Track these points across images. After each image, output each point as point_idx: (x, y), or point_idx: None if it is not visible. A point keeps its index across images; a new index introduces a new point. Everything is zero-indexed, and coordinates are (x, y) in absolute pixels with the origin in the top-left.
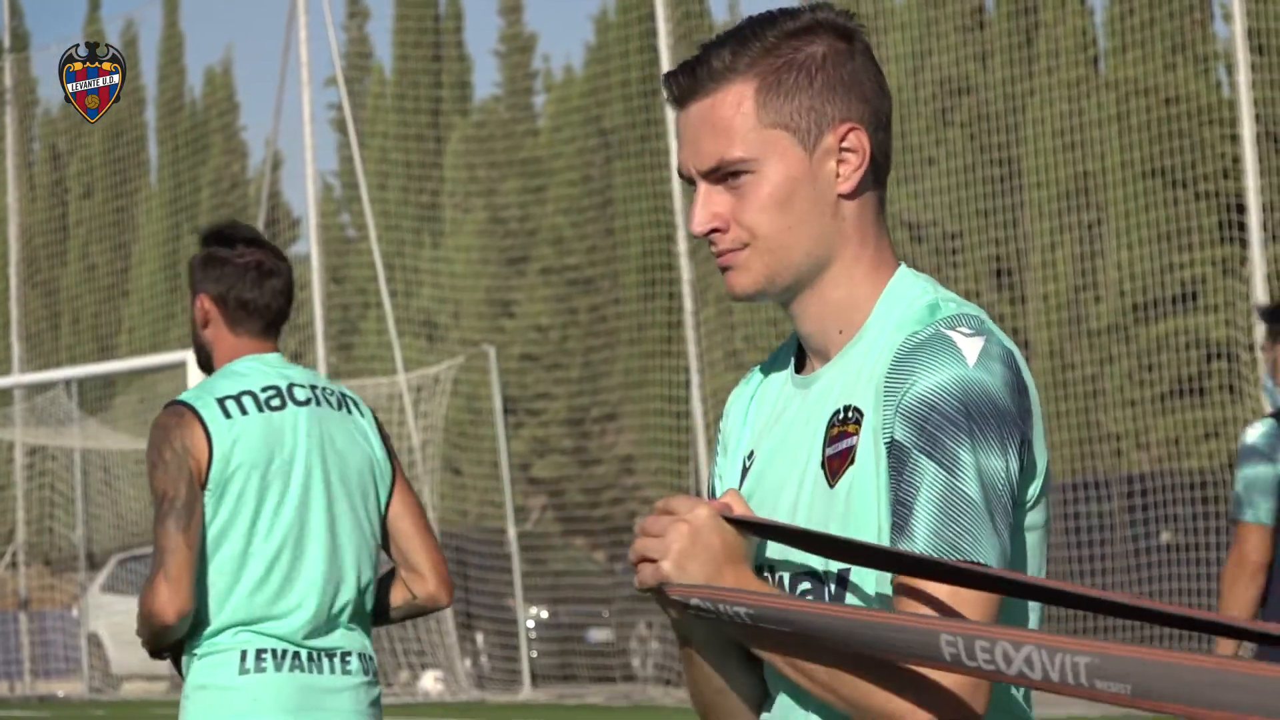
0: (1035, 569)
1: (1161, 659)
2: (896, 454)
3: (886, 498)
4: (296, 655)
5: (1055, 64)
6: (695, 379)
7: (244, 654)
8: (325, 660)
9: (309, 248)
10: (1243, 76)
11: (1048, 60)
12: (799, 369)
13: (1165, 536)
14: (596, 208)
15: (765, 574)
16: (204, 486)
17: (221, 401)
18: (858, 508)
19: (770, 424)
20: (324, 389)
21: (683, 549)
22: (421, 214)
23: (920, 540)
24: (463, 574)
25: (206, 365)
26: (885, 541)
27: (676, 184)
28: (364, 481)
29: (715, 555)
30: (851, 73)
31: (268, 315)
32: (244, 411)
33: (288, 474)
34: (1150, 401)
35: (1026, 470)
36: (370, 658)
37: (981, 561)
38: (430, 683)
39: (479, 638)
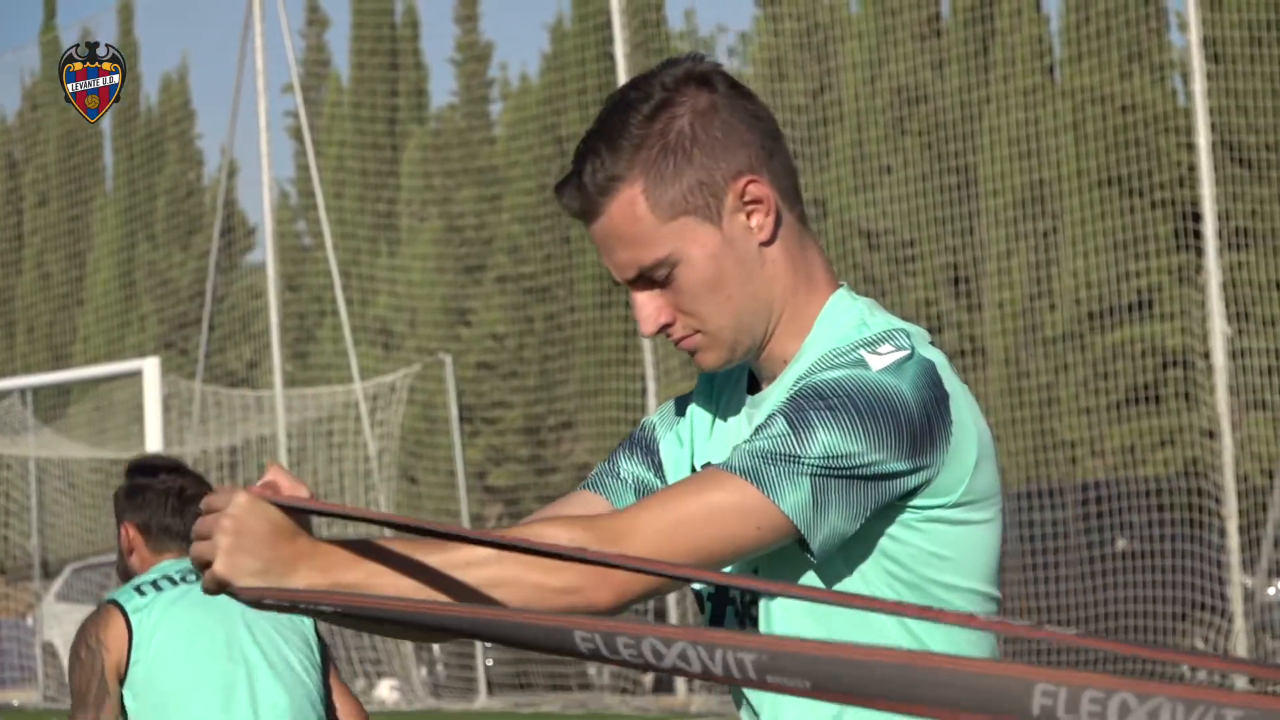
0: (978, 564)
1: (837, 654)
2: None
3: None
4: None
5: (1011, 72)
6: (651, 387)
7: None
8: None
9: (265, 255)
10: (1198, 85)
11: (1003, 68)
12: (753, 388)
13: (1120, 544)
14: (552, 216)
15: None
16: (124, 674)
17: (138, 587)
18: None
19: (725, 443)
20: None
21: (230, 544)
22: (378, 222)
23: (734, 456)
24: None
25: None
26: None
27: None
28: (292, 621)
29: (264, 539)
30: (723, 125)
31: (190, 541)
32: (159, 589)
33: (213, 634)
34: (1105, 409)
35: (933, 474)
36: None
37: (779, 504)
38: (386, 691)
39: (435, 646)
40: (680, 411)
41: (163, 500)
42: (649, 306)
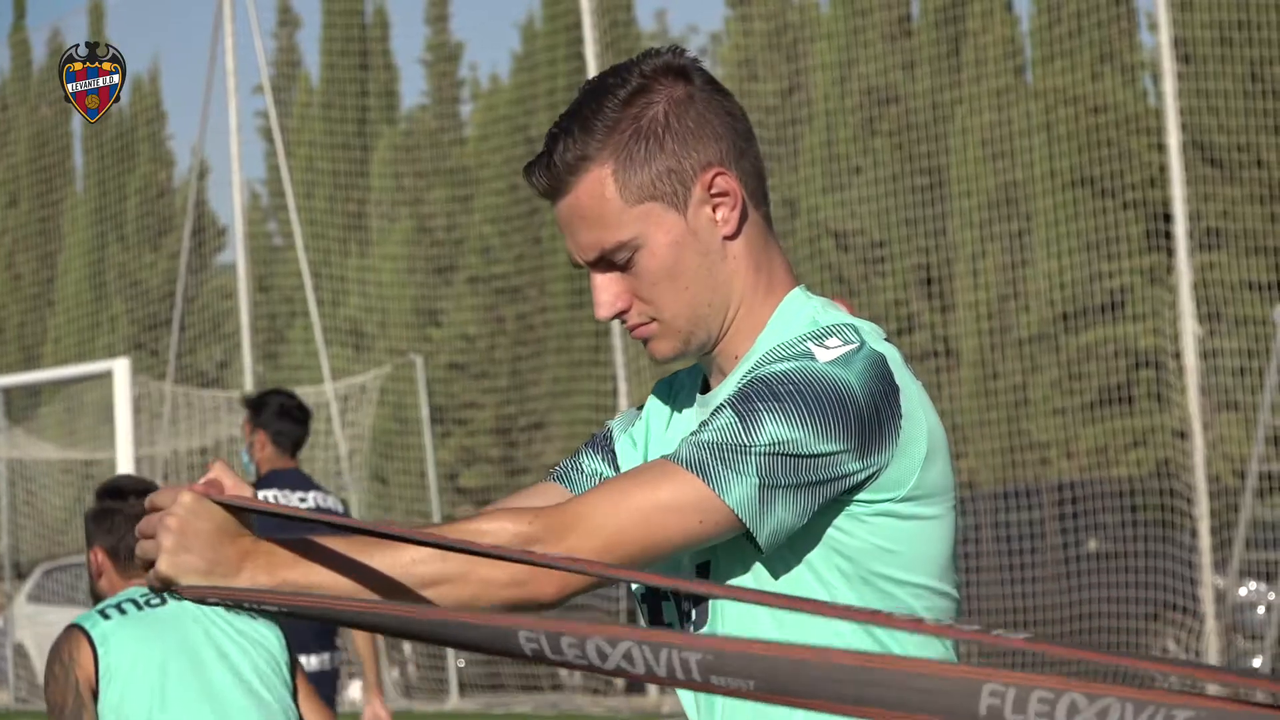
0: (929, 558)
1: (783, 655)
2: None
3: None
4: None
5: (981, 73)
6: (622, 388)
7: None
8: None
9: (236, 256)
10: (1169, 85)
11: (974, 69)
12: (705, 388)
13: (1093, 545)
14: (523, 216)
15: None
16: (96, 690)
17: (103, 611)
18: None
19: (675, 440)
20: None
21: (173, 543)
22: (348, 223)
23: (682, 448)
24: None
25: None
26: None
27: None
28: (261, 642)
29: (208, 539)
30: (696, 117)
31: None
32: (123, 613)
33: (175, 659)
34: (1077, 410)
35: (883, 465)
36: None
37: (725, 499)
38: (357, 692)
39: (406, 647)
40: (638, 415)
41: (131, 525)
42: (608, 291)
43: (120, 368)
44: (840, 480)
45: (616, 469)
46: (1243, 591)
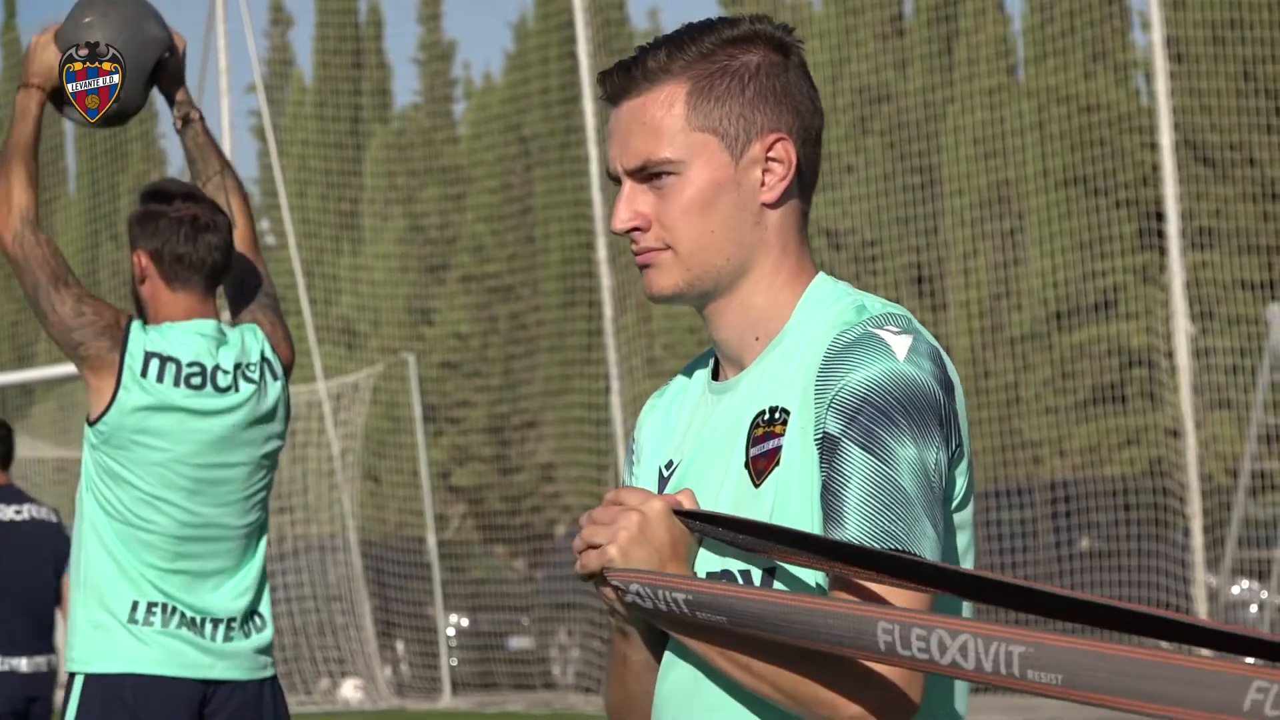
0: (973, 562)
1: (1095, 649)
2: (829, 446)
3: (818, 493)
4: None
5: (974, 72)
6: (615, 386)
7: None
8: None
9: None
10: (1161, 84)
11: (966, 68)
12: (715, 376)
13: (1085, 543)
14: (516, 215)
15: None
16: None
17: (149, 355)
18: (786, 507)
19: (686, 431)
20: (247, 366)
21: (631, 537)
22: (341, 221)
23: (852, 528)
24: (382, 582)
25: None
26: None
27: (596, 192)
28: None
29: (661, 548)
30: (784, 85)
31: (204, 270)
32: (160, 378)
33: (180, 462)
34: (1070, 409)
35: (956, 463)
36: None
37: (918, 554)
38: (350, 691)
39: (399, 646)
40: (633, 447)
41: (176, 228)
42: (631, 205)
43: None
44: (943, 485)
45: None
46: (1235, 590)
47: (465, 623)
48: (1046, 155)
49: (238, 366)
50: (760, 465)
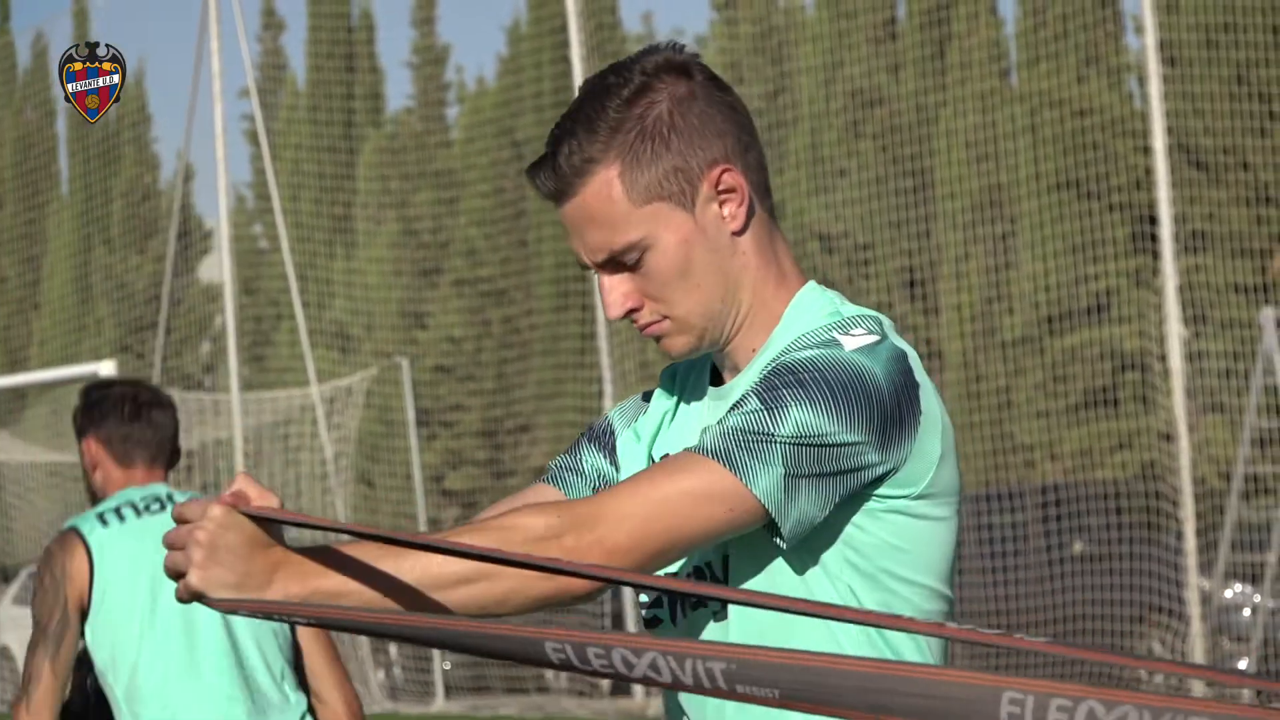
0: (934, 560)
1: (806, 663)
2: (737, 400)
3: None
4: None
5: (967, 75)
6: (608, 390)
7: None
8: None
9: (221, 259)
10: (1154, 88)
11: (959, 72)
12: (716, 380)
13: (1077, 547)
14: (509, 219)
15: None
16: (86, 607)
17: (101, 515)
18: None
19: (686, 433)
20: None
21: (204, 557)
22: (334, 225)
23: (706, 438)
24: None
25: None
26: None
27: None
28: None
29: (239, 551)
30: (700, 114)
31: (151, 447)
32: (121, 519)
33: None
34: (1062, 413)
35: (901, 460)
36: None
37: (752, 488)
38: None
39: (392, 649)
40: (639, 407)
41: (119, 408)
42: (617, 291)
43: (106, 370)
44: (861, 472)
45: (616, 465)
46: (1228, 594)
47: None
48: (1039, 159)
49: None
50: None
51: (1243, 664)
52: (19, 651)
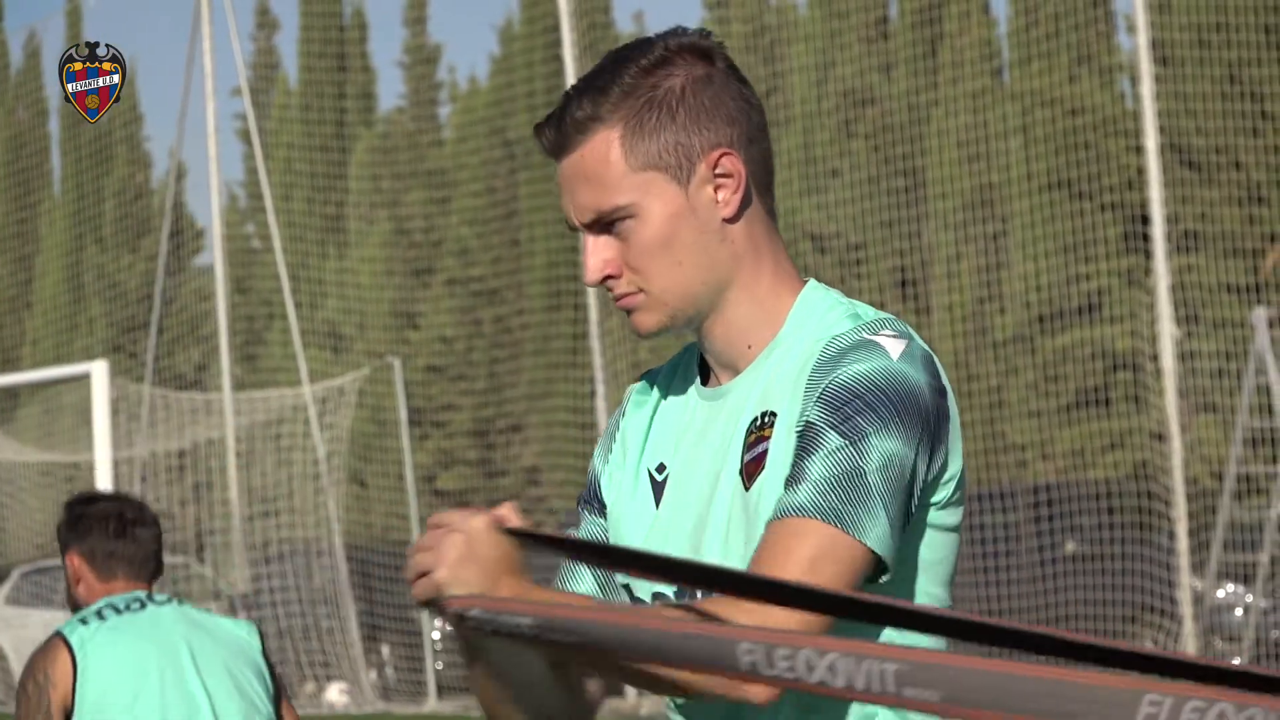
0: (949, 571)
1: (972, 666)
2: (807, 432)
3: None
4: None
5: (959, 75)
6: (600, 390)
7: None
8: None
9: (213, 259)
10: (1146, 88)
11: (951, 71)
12: (704, 381)
13: (1070, 547)
14: (501, 219)
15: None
16: (70, 708)
17: (83, 618)
18: (766, 505)
19: (680, 436)
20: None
21: (457, 558)
22: (326, 225)
23: (803, 496)
24: (367, 585)
25: None
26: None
27: None
28: (240, 648)
29: (490, 566)
30: (713, 97)
31: (135, 564)
32: (102, 618)
33: (157, 661)
34: (1054, 412)
35: (938, 471)
36: None
37: (865, 541)
38: (335, 695)
39: (384, 649)
40: (613, 432)
41: (104, 525)
42: (599, 255)
43: (98, 370)
44: (922, 487)
45: (604, 512)
46: (1220, 594)
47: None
48: (1031, 158)
49: (179, 598)
50: (751, 470)
51: (1235, 664)
52: (11, 652)
